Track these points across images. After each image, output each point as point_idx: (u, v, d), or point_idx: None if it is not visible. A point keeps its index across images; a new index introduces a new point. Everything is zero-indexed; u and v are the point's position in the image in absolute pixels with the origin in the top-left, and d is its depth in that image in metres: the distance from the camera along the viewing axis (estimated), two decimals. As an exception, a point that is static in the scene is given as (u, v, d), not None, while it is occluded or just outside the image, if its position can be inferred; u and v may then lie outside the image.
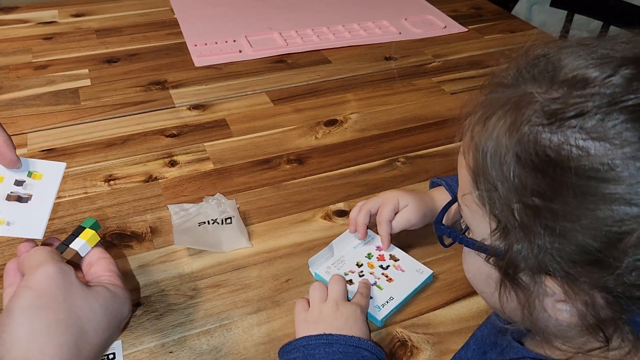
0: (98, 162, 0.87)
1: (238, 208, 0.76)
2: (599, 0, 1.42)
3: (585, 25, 1.69)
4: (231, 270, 0.69)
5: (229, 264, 0.70)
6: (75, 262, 0.49)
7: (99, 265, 0.49)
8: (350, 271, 0.67)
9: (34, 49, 1.21)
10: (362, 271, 0.67)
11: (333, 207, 0.79)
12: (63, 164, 0.51)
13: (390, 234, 0.69)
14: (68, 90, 1.06)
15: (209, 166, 0.87)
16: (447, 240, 0.48)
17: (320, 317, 0.59)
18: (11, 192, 0.48)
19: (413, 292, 0.65)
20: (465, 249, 0.44)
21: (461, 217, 0.44)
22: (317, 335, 0.56)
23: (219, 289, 0.66)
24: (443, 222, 0.48)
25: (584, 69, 0.35)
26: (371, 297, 0.64)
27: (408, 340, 0.61)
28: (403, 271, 0.67)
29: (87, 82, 1.09)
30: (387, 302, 0.63)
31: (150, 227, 0.75)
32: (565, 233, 0.34)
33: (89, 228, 0.49)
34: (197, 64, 1.16)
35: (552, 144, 0.34)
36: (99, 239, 0.50)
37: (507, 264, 0.38)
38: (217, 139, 0.93)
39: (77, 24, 1.33)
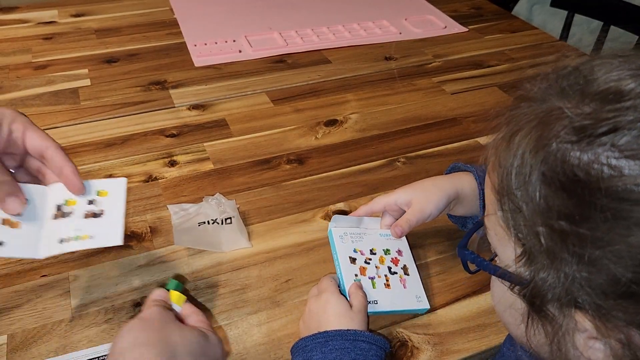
0: (98, 162, 0.87)
1: (238, 208, 0.76)
2: (599, 0, 1.42)
3: (585, 25, 1.69)
4: (231, 270, 0.69)
5: (229, 264, 0.69)
6: None
7: (191, 319, 0.53)
8: (360, 251, 0.64)
9: (33, 49, 1.21)
10: (370, 259, 0.64)
11: (333, 207, 0.79)
12: (124, 179, 0.55)
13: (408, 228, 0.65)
14: (68, 90, 1.06)
15: (208, 166, 0.87)
16: (473, 266, 0.44)
17: (311, 314, 0.58)
18: (87, 211, 0.53)
19: (400, 312, 0.62)
20: (493, 276, 0.42)
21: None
22: (313, 335, 0.55)
23: (219, 289, 0.66)
24: (468, 246, 0.45)
25: (617, 81, 0.32)
26: None
27: (408, 340, 0.60)
28: (405, 288, 0.63)
29: (87, 82, 1.09)
30: (369, 302, 0.60)
31: (150, 227, 0.75)
32: (595, 261, 0.31)
33: (174, 290, 0.54)
34: (196, 64, 1.16)
35: (582, 163, 0.31)
36: (185, 298, 0.54)
37: (533, 293, 0.35)
38: (217, 139, 0.93)
39: (76, 24, 1.33)
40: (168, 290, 0.54)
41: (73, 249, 0.51)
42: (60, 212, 0.53)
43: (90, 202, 0.53)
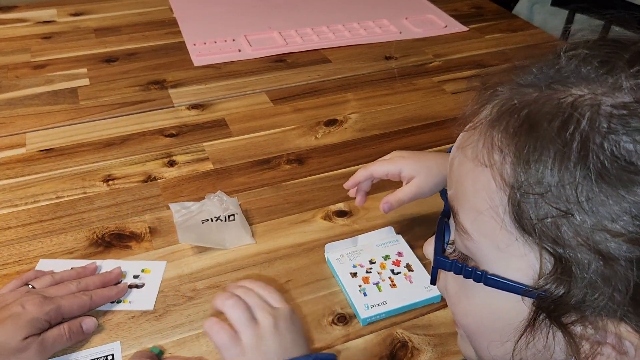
0: (97, 162, 0.87)
1: (240, 205, 0.76)
2: (599, 0, 1.42)
3: (586, 24, 1.68)
4: (231, 270, 0.68)
5: (229, 264, 0.69)
6: None
7: None
8: (359, 264, 0.64)
9: (32, 48, 1.21)
10: (371, 268, 0.64)
11: (333, 208, 0.78)
12: (164, 262, 0.69)
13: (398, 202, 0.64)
14: (66, 90, 1.06)
15: (208, 166, 0.86)
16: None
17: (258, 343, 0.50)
18: (131, 283, 0.66)
19: (411, 306, 0.62)
20: (470, 285, 0.34)
21: (446, 238, 0.36)
22: None
23: (219, 289, 0.66)
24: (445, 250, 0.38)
25: None
26: (365, 295, 0.62)
27: (409, 341, 0.60)
28: (411, 283, 0.63)
29: (86, 81, 1.09)
30: (378, 305, 0.60)
31: (149, 227, 0.74)
32: None
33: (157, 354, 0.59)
34: (196, 64, 1.15)
35: (638, 149, 0.27)
36: None
37: (565, 309, 0.30)
38: (217, 139, 0.93)
39: (75, 23, 1.33)
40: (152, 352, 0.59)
41: (116, 308, 0.63)
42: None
43: (136, 277, 0.67)
